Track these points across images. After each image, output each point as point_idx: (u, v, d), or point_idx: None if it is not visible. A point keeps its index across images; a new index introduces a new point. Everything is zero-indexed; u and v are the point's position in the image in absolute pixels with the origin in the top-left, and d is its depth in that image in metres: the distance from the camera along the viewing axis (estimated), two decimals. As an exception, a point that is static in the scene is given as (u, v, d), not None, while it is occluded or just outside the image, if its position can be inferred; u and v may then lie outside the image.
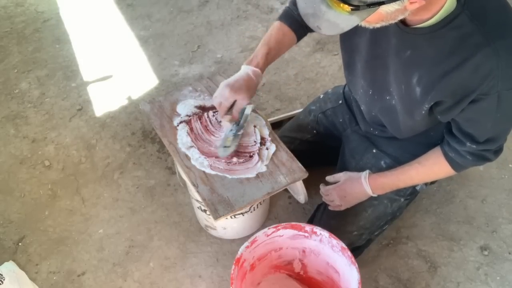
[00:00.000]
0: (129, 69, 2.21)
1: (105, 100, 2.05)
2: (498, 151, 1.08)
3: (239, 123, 1.25)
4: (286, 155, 1.24)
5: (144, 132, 1.90)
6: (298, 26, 1.25)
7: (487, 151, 1.07)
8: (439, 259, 1.46)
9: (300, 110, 1.69)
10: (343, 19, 0.78)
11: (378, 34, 1.02)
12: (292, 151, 1.26)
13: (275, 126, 1.64)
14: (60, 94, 2.08)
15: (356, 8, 0.75)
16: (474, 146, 1.04)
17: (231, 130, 1.25)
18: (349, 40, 1.17)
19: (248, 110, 1.24)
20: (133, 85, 2.11)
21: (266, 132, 1.29)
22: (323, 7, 0.78)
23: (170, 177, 1.73)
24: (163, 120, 1.33)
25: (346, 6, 0.75)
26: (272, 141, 1.27)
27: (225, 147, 1.22)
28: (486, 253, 1.47)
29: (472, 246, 1.49)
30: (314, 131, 1.54)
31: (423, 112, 1.05)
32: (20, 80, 2.16)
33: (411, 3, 0.79)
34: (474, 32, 0.87)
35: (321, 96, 1.57)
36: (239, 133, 1.24)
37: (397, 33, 0.99)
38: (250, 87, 1.19)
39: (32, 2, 2.63)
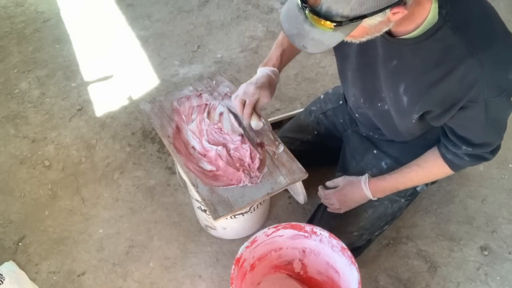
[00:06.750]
0: (129, 69, 2.20)
1: (105, 100, 2.05)
2: (495, 150, 1.09)
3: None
4: (286, 156, 1.24)
5: (144, 132, 1.90)
6: None
7: (484, 153, 1.08)
8: (439, 259, 1.46)
9: (300, 110, 1.69)
10: (328, 36, 0.78)
11: (365, 45, 1.03)
12: (293, 151, 1.26)
13: (275, 126, 1.64)
14: (60, 94, 2.08)
15: (339, 24, 0.75)
16: (470, 149, 1.05)
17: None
18: (340, 50, 1.18)
19: (260, 124, 1.23)
20: (133, 85, 2.11)
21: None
22: (306, 26, 0.79)
23: (170, 177, 1.73)
24: (163, 120, 1.33)
25: (329, 23, 0.75)
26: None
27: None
28: (486, 253, 1.47)
29: (472, 246, 1.49)
30: (315, 132, 1.54)
31: (413, 120, 1.07)
32: (20, 80, 2.16)
33: (393, 13, 0.78)
34: (457, 43, 0.88)
35: (322, 96, 1.57)
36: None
37: (383, 44, 1.00)
38: (272, 85, 1.22)
39: (32, 2, 2.62)
